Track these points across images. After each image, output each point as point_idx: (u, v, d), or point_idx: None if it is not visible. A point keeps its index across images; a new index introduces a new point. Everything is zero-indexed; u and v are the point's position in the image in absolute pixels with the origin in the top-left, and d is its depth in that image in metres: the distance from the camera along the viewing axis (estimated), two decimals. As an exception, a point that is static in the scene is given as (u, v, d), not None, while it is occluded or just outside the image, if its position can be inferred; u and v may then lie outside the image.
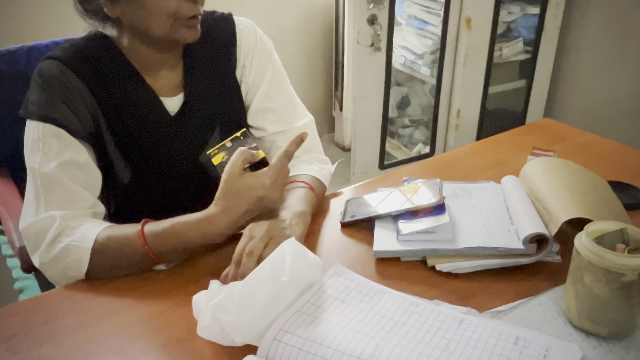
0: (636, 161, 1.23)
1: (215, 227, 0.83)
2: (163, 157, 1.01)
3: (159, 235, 0.83)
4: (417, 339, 0.69)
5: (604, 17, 2.50)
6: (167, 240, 0.83)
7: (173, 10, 0.91)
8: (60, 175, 0.89)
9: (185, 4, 0.92)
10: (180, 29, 0.94)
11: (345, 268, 0.84)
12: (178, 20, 0.93)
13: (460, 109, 2.55)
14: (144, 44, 0.97)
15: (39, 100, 0.91)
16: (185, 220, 0.84)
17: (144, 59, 0.99)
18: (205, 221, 0.83)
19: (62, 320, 0.78)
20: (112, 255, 0.84)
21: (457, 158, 1.29)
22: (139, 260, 0.84)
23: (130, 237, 0.84)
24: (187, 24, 0.94)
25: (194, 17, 0.94)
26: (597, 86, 2.62)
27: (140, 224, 0.86)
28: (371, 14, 2.22)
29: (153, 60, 0.99)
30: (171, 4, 0.91)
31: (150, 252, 0.83)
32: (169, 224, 0.84)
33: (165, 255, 0.85)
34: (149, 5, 0.90)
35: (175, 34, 0.94)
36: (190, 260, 0.90)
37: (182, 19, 0.93)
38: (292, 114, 1.10)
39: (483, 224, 0.92)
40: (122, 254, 0.84)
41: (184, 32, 0.95)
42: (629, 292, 0.69)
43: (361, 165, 2.53)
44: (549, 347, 0.68)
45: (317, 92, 3.12)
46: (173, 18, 0.92)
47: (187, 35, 0.95)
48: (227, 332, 0.69)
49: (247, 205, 0.83)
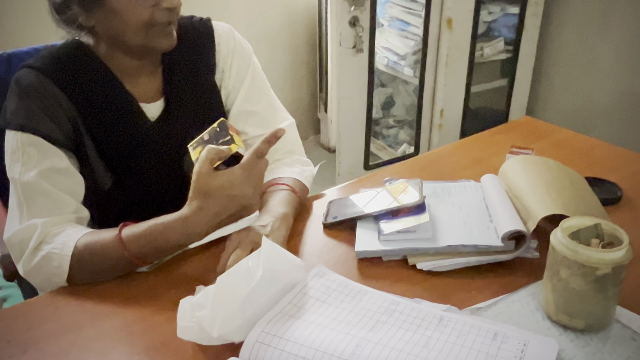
0: (613, 157, 1.26)
1: (191, 228, 0.82)
2: (144, 163, 1.02)
3: (136, 238, 0.83)
4: (397, 337, 0.70)
5: (583, 15, 2.54)
6: (144, 243, 0.83)
7: (147, 19, 0.91)
8: (41, 182, 0.89)
9: (159, 12, 0.92)
10: (156, 37, 0.94)
11: (327, 269, 0.85)
12: (153, 29, 0.93)
13: (443, 108, 2.57)
14: (121, 52, 0.97)
15: (17, 109, 0.91)
16: (162, 222, 0.83)
17: (123, 66, 0.99)
18: (181, 222, 0.82)
19: (45, 327, 0.78)
20: (92, 260, 0.85)
21: (438, 157, 1.30)
22: (119, 264, 0.85)
23: (108, 241, 0.84)
24: (163, 32, 0.94)
25: (169, 24, 0.94)
26: (577, 83, 2.65)
27: (118, 228, 0.86)
28: (353, 16, 2.23)
29: (131, 67, 0.99)
30: (145, 13, 0.91)
31: (130, 255, 0.83)
32: (145, 226, 0.84)
33: (145, 257, 0.85)
34: (123, 14, 0.90)
35: (151, 42, 0.94)
36: (173, 264, 0.90)
37: (157, 27, 0.93)
38: (273, 117, 1.11)
39: (463, 222, 0.93)
40: (102, 258, 0.84)
41: (160, 40, 0.95)
42: (603, 285, 0.71)
43: (346, 166, 2.54)
44: (527, 341, 0.69)
45: (302, 94, 3.14)
46: (148, 26, 0.92)
47: (163, 43, 0.95)
48: (204, 328, 0.69)
49: (219, 206, 0.82)
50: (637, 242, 0.93)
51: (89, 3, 0.91)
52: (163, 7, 0.91)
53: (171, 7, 0.92)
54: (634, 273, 0.85)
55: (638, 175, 1.16)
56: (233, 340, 0.70)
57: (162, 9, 0.92)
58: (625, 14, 2.39)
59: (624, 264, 0.71)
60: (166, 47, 0.96)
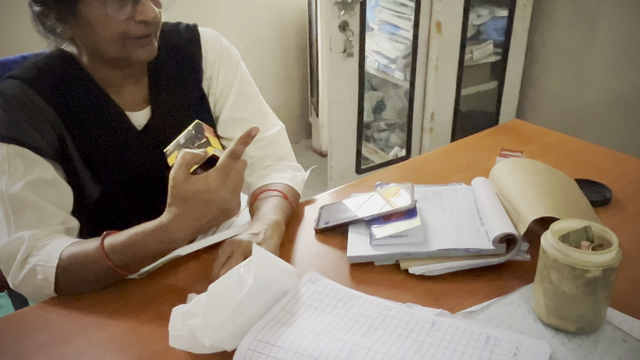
0: (602, 159, 1.26)
1: (171, 235, 0.81)
2: (131, 172, 1.01)
3: (118, 248, 0.82)
4: (390, 343, 0.70)
5: (571, 17, 2.56)
6: (126, 252, 0.82)
7: (121, 32, 0.89)
8: (28, 194, 0.88)
9: (133, 25, 0.90)
10: (133, 49, 0.92)
11: (319, 275, 0.84)
12: (129, 41, 0.91)
13: (434, 111, 2.58)
14: (102, 62, 0.96)
15: (1, 121, 0.91)
16: (142, 231, 0.82)
17: (106, 75, 0.98)
18: (160, 230, 0.80)
19: (35, 339, 0.78)
20: (77, 272, 0.84)
21: (429, 161, 1.31)
22: (104, 274, 0.84)
23: (92, 251, 0.83)
24: (140, 44, 0.92)
25: (146, 37, 0.92)
26: (566, 85, 2.67)
27: (101, 237, 0.85)
28: (342, 21, 2.24)
29: (116, 77, 0.99)
30: (118, 26, 0.89)
31: (113, 265, 0.82)
32: (126, 235, 0.83)
33: (128, 266, 0.84)
34: (97, 27, 0.89)
35: (128, 54, 0.92)
36: (163, 274, 0.90)
37: (131, 39, 0.91)
38: (263, 123, 1.10)
39: (454, 226, 0.94)
40: (86, 269, 0.83)
41: (138, 52, 0.93)
42: (594, 288, 0.71)
43: (338, 170, 2.54)
44: (519, 344, 0.69)
45: (293, 98, 3.14)
46: (123, 39, 0.90)
47: (141, 55, 0.93)
48: (196, 337, 0.69)
49: (197, 212, 0.80)
50: (627, 243, 0.94)
51: (65, 15, 0.90)
52: (137, 20, 0.90)
53: (146, 19, 0.90)
54: (625, 274, 0.86)
55: (627, 177, 1.17)
56: (225, 348, 0.70)
57: (136, 22, 0.90)
58: (613, 16, 2.41)
59: (614, 266, 0.71)
60: (144, 58, 0.94)
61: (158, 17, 0.92)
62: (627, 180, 1.16)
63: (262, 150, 1.08)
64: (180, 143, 0.86)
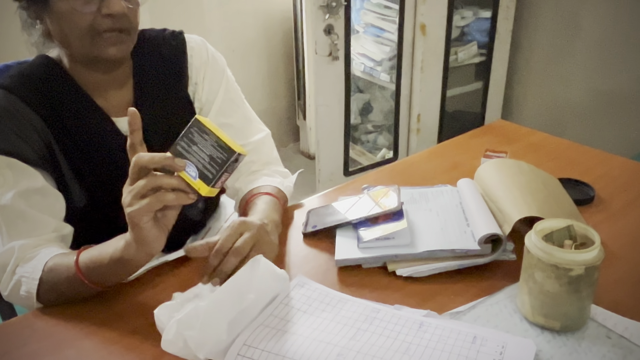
0: (585, 158, 1.28)
1: (130, 265, 0.78)
2: (119, 179, 1.00)
3: (91, 265, 0.81)
4: (378, 345, 0.71)
5: (554, 18, 2.59)
6: (99, 270, 0.80)
7: (88, 26, 0.88)
8: (19, 204, 0.88)
9: (100, 19, 0.88)
10: (101, 45, 0.91)
11: (307, 279, 0.85)
12: (98, 36, 0.90)
13: (420, 113, 2.60)
14: (82, 65, 0.96)
15: None
16: (111, 253, 0.78)
17: (90, 79, 0.97)
18: (129, 246, 0.76)
19: (23, 350, 0.77)
20: (56, 285, 0.83)
21: (415, 163, 1.32)
22: (80, 288, 0.83)
23: (69, 267, 0.82)
24: (109, 41, 0.91)
25: (116, 31, 0.91)
26: (550, 85, 2.70)
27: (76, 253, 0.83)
28: (327, 24, 2.24)
29: (99, 81, 0.98)
30: (85, 19, 0.88)
31: (87, 281, 0.81)
32: (97, 252, 0.81)
33: (104, 282, 0.82)
34: (66, 21, 0.88)
35: (97, 50, 0.91)
36: (150, 281, 0.89)
37: (100, 34, 0.90)
38: (248, 129, 1.11)
39: (440, 227, 0.95)
40: (64, 284, 0.83)
41: (107, 49, 0.91)
42: (577, 286, 0.72)
43: (326, 173, 2.55)
44: (505, 343, 0.70)
45: (281, 102, 3.14)
46: (91, 34, 0.89)
47: (110, 52, 0.91)
48: (190, 347, 0.69)
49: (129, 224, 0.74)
50: (610, 240, 0.96)
51: (39, 11, 0.90)
52: (104, 14, 0.88)
53: (113, 13, 0.88)
54: (608, 272, 0.87)
55: (609, 175, 1.19)
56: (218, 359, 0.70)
57: (103, 15, 0.88)
58: (595, 16, 2.44)
59: (597, 264, 0.72)
60: (113, 55, 0.92)
61: (126, 12, 0.90)
62: (610, 178, 1.18)
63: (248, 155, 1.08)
64: (185, 148, 0.75)
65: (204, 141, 0.74)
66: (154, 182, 0.72)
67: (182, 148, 0.74)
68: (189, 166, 0.73)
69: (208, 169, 0.73)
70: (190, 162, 0.73)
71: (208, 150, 0.73)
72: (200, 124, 0.74)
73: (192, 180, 0.73)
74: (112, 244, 0.80)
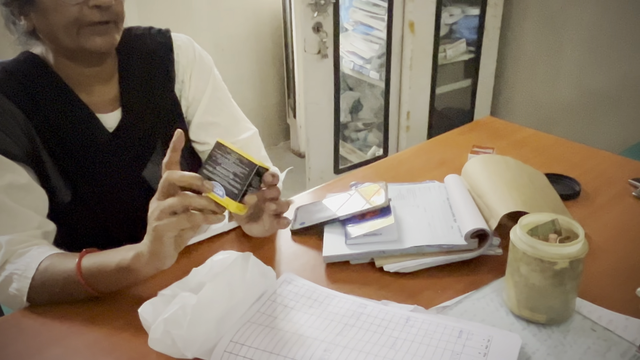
0: (571, 153, 1.29)
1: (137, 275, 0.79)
2: (104, 175, 1.00)
3: (94, 270, 0.81)
4: (365, 340, 0.71)
5: (541, 14, 2.61)
6: (102, 276, 0.81)
7: (75, 17, 0.88)
8: (2, 199, 0.88)
9: (87, 10, 0.88)
10: (89, 37, 0.90)
11: (294, 275, 0.85)
12: (84, 28, 0.90)
13: (409, 110, 2.61)
14: (68, 59, 0.95)
15: None
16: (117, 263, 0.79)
17: (74, 75, 0.97)
18: (127, 271, 0.78)
19: (9, 349, 0.77)
20: (51, 286, 0.83)
21: (404, 160, 1.32)
22: (77, 292, 0.83)
23: (68, 269, 0.82)
24: (96, 32, 0.90)
25: (102, 23, 0.91)
26: (538, 82, 2.72)
27: (78, 257, 0.83)
28: (316, 22, 2.25)
29: (84, 75, 0.98)
30: (71, 11, 0.88)
31: (87, 286, 0.81)
32: (101, 258, 0.81)
33: (104, 288, 0.83)
34: (52, 14, 0.88)
35: (85, 42, 0.91)
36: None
37: (87, 26, 0.90)
38: (235, 127, 1.11)
39: (427, 223, 0.95)
40: (60, 286, 0.82)
41: (94, 40, 0.91)
42: (561, 279, 0.73)
43: (316, 171, 2.55)
44: (491, 337, 0.71)
45: (271, 100, 3.14)
46: (77, 25, 0.89)
47: (96, 43, 0.91)
48: (178, 346, 0.69)
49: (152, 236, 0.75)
50: (595, 234, 0.97)
51: (24, 5, 0.89)
52: (91, 5, 0.88)
53: (100, 4, 0.88)
54: (593, 265, 0.88)
55: (595, 170, 1.20)
56: (206, 359, 0.70)
57: (90, 6, 0.88)
58: (583, 13, 2.46)
59: (581, 257, 0.73)
60: (100, 47, 0.92)
61: (113, 4, 0.90)
62: (595, 173, 1.19)
63: None
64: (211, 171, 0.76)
65: (227, 161, 0.77)
66: (185, 201, 0.73)
67: (208, 171, 0.76)
68: (216, 186, 0.76)
69: (233, 185, 0.75)
70: (216, 183, 0.76)
71: (231, 168, 0.76)
72: (222, 146, 0.77)
73: (220, 199, 0.75)
74: (120, 252, 0.80)
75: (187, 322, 0.69)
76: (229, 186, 0.75)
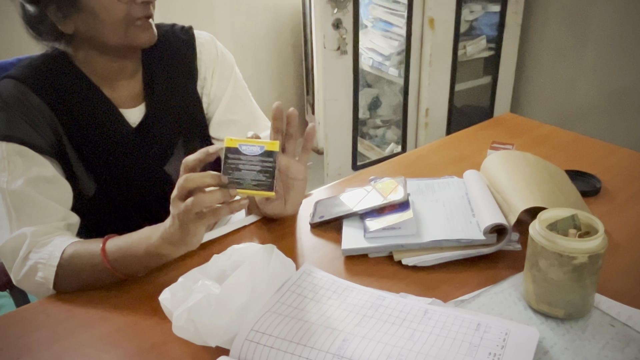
0: (592, 150, 1.28)
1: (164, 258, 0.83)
2: (127, 169, 1.03)
3: (118, 254, 0.84)
4: (383, 331, 0.72)
5: (563, 11, 2.58)
6: (129, 260, 0.84)
7: (124, 15, 0.92)
8: (29, 191, 0.90)
9: (135, 7, 0.93)
10: (135, 33, 0.95)
11: (314, 267, 0.86)
12: (131, 25, 0.94)
13: (428, 107, 2.60)
14: (100, 54, 0.98)
15: (0, 120, 0.92)
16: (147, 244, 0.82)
17: (101, 70, 1.00)
18: (169, 243, 0.81)
19: (37, 334, 0.79)
20: (77, 273, 0.86)
21: (422, 156, 1.33)
22: (104, 276, 0.85)
23: (93, 255, 0.85)
24: (142, 27, 0.95)
25: (147, 18, 0.95)
26: (560, 79, 2.69)
27: (102, 241, 0.86)
28: (336, 18, 2.25)
29: (110, 70, 1.00)
30: (122, 9, 0.92)
31: (114, 271, 0.84)
32: (126, 243, 0.84)
33: (130, 273, 0.86)
34: (101, 14, 0.91)
35: (131, 39, 0.95)
36: (162, 269, 0.91)
37: (134, 22, 0.94)
38: (254, 125, 1.12)
39: (446, 218, 0.96)
40: (87, 271, 0.85)
41: (140, 35, 0.95)
42: (581, 274, 0.73)
43: (334, 167, 2.56)
44: (509, 330, 0.71)
45: (289, 96, 3.15)
46: (126, 23, 0.93)
47: (143, 38, 0.96)
48: (201, 334, 0.71)
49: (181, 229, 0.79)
50: (615, 231, 0.96)
51: (67, 8, 0.92)
52: (139, 2, 0.93)
53: (148, 0, 0.93)
54: (613, 261, 0.88)
55: (616, 167, 1.19)
56: (228, 347, 0.72)
57: (138, 3, 0.93)
58: (606, 10, 2.43)
59: (600, 252, 0.73)
60: (146, 41, 0.97)
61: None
62: (617, 170, 1.18)
63: None
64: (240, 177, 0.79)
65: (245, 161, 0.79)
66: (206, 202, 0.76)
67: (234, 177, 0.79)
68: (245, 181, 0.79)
69: (261, 179, 0.79)
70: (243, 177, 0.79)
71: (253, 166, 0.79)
72: (232, 148, 0.79)
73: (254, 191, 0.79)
74: (144, 237, 0.83)
75: (210, 312, 0.71)
76: (258, 181, 0.78)
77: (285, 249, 0.95)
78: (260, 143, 0.79)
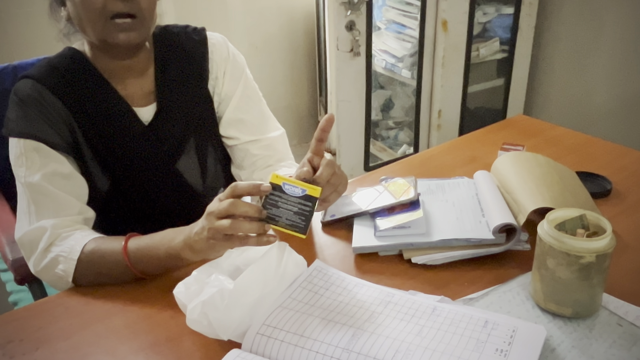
0: (604, 152, 1.29)
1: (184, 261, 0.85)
2: (139, 166, 1.05)
3: (139, 254, 0.87)
4: (392, 327, 0.73)
5: (577, 14, 2.57)
6: (149, 261, 0.87)
7: (100, 8, 0.91)
8: (46, 185, 0.93)
9: (112, 2, 0.91)
10: (111, 30, 0.93)
11: (324, 264, 0.88)
12: (109, 22, 0.92)
13: (441, 109, 2.61)
14: (100, 51, 1.00)
15: (17, 118, 0.96)
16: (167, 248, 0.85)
17: (110, 67, 1.02)
18: (189, 251, 0.83)
19: (55, 325, 0.82)
20: (97, 268, 0.88)
21: (433, 156, 1.34)
22: (123, 274, 0.88)
23: (114, 252, 0.88)
24: (120, 26, 0.93)
25: (126, 17, 0.93)
26: (573, 82, 2.68)
27: (124, 239, 0.89)
28: (349, 20, 2.27)
29: (119, 68, 1.02)
30: (97, 2, 0.90)
31: (134, 269, 0.87)
32: (148, 244, 0.87)
33: (149, 272, 0.88)
34: (81, 4, 0.92)
35: (107, 36, 0.94)
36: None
37: (113, 19, 0.92)
38: (264, 125, 1.14)
39: (456, 217, 0.97)
40: (106, 268, 0.88)
41: (116, 34, 0.93)
42: (588, 273, 0.74)
43: (347, 168, 2.58)
44: (516, 327, 0.72)
45: (302, 98, 3.17)
46: (103, 18, 0.92)
47: (120, 37, 0.94)
48: (214, 328, 0.73)
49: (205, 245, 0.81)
50: (625, 232, 0.97)
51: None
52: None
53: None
54: (622, 262, 0.88)
55: (628, 169, 1.19)
56: (240, 341, 0.74)
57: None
58: (620, 12, 2.42)
59: (608, 252, 0.74)
60: (122, 42, 0.94)
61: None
62: (628, 172, 1.18)
63: (264, 149, 1.12)
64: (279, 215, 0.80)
65: (286, 201, 0.80)
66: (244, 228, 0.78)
67: (272, 214, 0.80)
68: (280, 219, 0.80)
69: (297, 221, 0.80)
70: (280, 215, 0.80)
71: (292, 207, 0.80)
72: (277, 186, 0.80)
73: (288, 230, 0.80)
74: (166, 238, 0.85)
75: (223, 306, 0.73)
76: (293, 222, 0.80)
77: (297, 246, 0.97)
78: (303, 186, 0.80)
